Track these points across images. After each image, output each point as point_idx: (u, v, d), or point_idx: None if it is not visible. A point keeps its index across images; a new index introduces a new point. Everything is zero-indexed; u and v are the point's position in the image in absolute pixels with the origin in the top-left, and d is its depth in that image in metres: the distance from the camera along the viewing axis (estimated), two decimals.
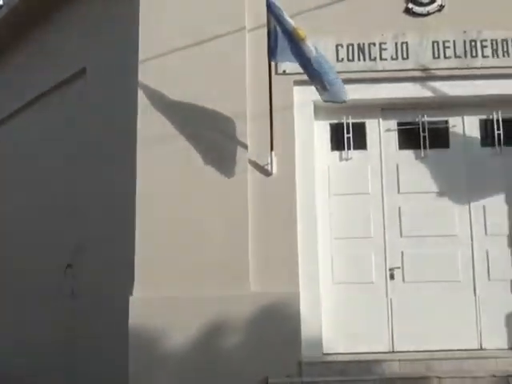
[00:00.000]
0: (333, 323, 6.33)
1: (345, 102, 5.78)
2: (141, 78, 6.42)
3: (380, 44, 6.56)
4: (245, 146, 6.28)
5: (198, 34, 6.40)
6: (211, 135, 6.29)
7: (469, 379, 5.62)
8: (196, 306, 5.95)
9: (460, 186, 6.65)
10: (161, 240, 6.14)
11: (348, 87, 6.13)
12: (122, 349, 5.97)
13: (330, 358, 6.10)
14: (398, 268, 6.49)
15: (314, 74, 5.62)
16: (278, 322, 5.95)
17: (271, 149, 6.22)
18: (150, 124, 6.32)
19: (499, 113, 6.73)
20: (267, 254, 6.16)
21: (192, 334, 5.90)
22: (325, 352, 6.21)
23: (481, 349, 6.36)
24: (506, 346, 6.37)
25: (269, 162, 6.27)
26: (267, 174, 6.30)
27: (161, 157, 6.26)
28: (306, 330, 6.02)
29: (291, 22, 5.64)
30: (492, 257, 6.53)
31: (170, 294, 5.99)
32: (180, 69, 6.38)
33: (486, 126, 6.80)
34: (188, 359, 5.87)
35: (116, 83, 7.02)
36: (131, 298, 6.00)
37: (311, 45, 5.62)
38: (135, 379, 5.83)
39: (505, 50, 6.57)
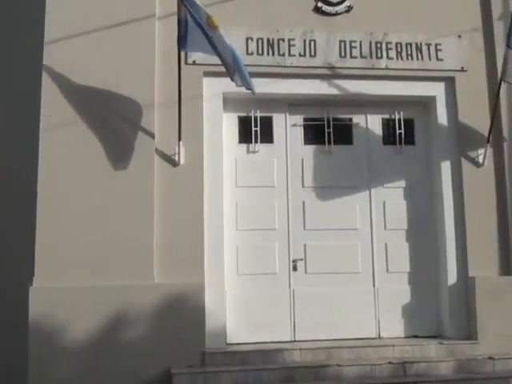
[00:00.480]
0: (237, 313, 6.39)
1: (252, 93, 5.81)
2: (46, 61, 6.16)
3: (289, 40, 6.66)
4: (152, 136, 6.19)
5: (107, 19, 6.24)
6: (118, 123, 6.15)
7: (367, 366, 5.80)
8: (98, 296, 5.81)
9: (362, 182, 6.88)
10: (63, 229, 5.94)
11: (257, 81, 6.20)
12: (22, 341, 5.77)
13: (233, 348, 6.14)
14: (301, 260, 6.63)
15: (226, 62, 5.60)
16: (182, 313, 5.91)
17: (179, 139, 6.17)
18: (54, 108, 6.09)
19: (401, 113, 7.02)
20: (173, 244, 6.11)
21: (94, 324, 5.76)
22: (228, 342, 6.25)
23: (379, 337, 6.62)
24: (403, 335, 6.68)
25: (176, 152, 6.23)
26: (174, 164, 6.26)
27: (64, 143, 6.05)
28: (210, 320, 6.04)
29: (204, 8, 5.60)
30: (391, 250, 6.81)
31: (71, 283, 5.81)
32: (87, 53, 6.20)
33: (389, 125, 7.07)
34: (89, 350, 5.72)
35: (21, 66, 6.77)
36: (31, 288, 5.78)
37: (224, 33, 5.59)
38: (35, 371, 5.61)
39: (409, 53, 6.84)
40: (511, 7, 6.43)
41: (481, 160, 6.72)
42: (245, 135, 6.79)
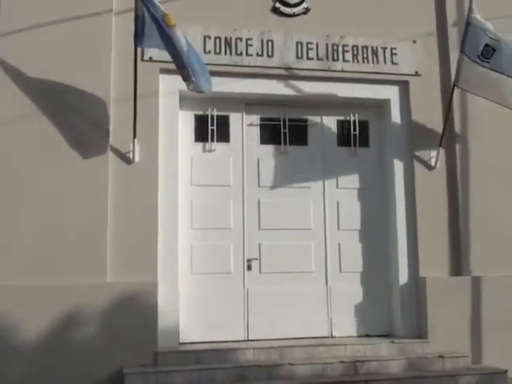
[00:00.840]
0: (190, 313, 6.36)
1: (208, 92, 5.80)
2: None
3: (246, 40, 6.67)
4: (107, 132, 6.11)
5: (64, 13, 6.15)
6: (72, 119, 6.05)
7: (319, 365, 5.83)
8: (51, 295, 5.70)
9: (317, 182, 6.94)
10: (18, 227, 5.82)
11: (214, 80, 6.20)
12: None
13: (185, 348, 6.10)
14: (256, 259, 6.64)
15: (181, 62, 5.57)
16: (135, 312, 5.85)
17: (134, 136, 6.10)
18: (5, 102, 5.95)
19: (356, 115, 7.11)
20: (126, 242, 6.04)
21: (46, 323, 5.65)
22: (181, 341, 6.21)
23: (331, 337, 6.68)
24: (355, 334, 6.75)
25: (131, 149, 6.16)
26: (129, 161, 6.19)
27: (15, 139, 5.91)
28: (163, 319, 5.99)
29: (161, 7, 5.56)
30: (344, 250, 6.88)
31: (23, 282, 5.68)
32: (42, 46, 6.08)
33: (344, 127, 7.14)
34: (41, 350, 5.61)
35: None
36: None
37: (180, 32, 5.57)
38: None
39: (365, 56, 6.93)
40: (465, 14, 6.53)
41: (433, 163, 6.85)
42: (201, 134, 6.76)
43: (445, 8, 7.19)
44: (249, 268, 6.61)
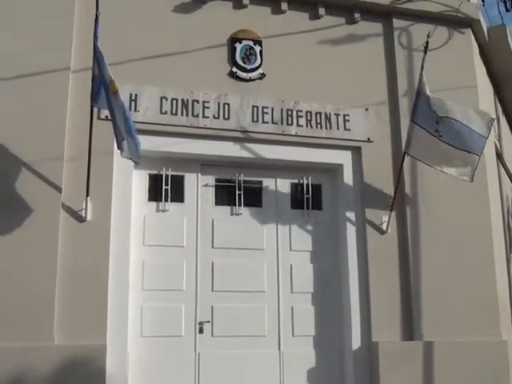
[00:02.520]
0: (140, 377, 6.15)
1: (136, 163, 5.78)
2: None
3: (203, 102, 6.74)
4: (59, 190, 6.01)
5: (20, 68, 6.13)
6: (23, 174, 5.94)
7: None
8: None
9: (270, 245, 6.93)
10: None
11: (170, 140, 6.34)
12: None
13: None
14: (208, 322, 6.50)
15: (118, 128, 5.55)
16: (83, 376, 5.62)
17: (87, 194, 6.02)
18: None
19: (309, 178, 7.20)
20: (75, 303, 5.85)
21: None
22: None
23: None
24: None
25: (83, 207, 6.06)
26: (81, 220, 6.07)
27: None
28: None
29: (109, 72, 5.53)
30: (297, 313, 6.81)
31: None
32: None
33: (297, 190, 7.21)
34: None
35: None
36: None
37: (122, 100, 5.54)
38: None
39: (318, 121, 7.07)
40: (416, 84, 6.78)
41: (385, 227, 6.94)
42: (155, 193, 6.70)
43: (396, 78, 7.45)
44: (200, 331, 6.46)
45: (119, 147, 5.66)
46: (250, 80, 7.01)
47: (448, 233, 7.03)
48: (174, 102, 6.64)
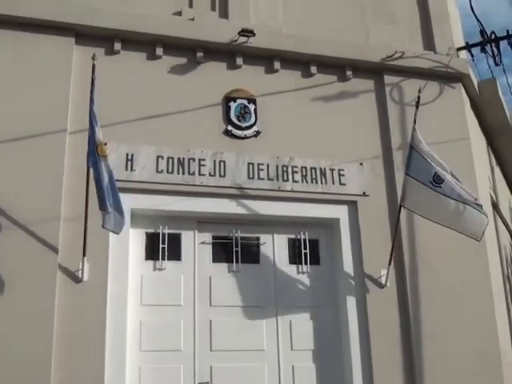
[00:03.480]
0: None
1: (116, 232, 5.79)
2: None
3: (199, 160, 6.80)
4: (55, 250, 5.99)
5: (18, 128, 6.21)
6: (20, 236, 5.94)
7: None
8: None
9: (269, 301, 6.86)
10: None
11: (166, 199, 6.36)
12: None
13: None
14: (207, 383, 6.37)
15: (103, 194, 5.59)
16: None
17: (84, 254, 5.99)
18: None
19: (306, 233, 7.19)
20: (72, 364, 5.74)
21: None
22: None
23: None
24: None
25: (80, 268, 6.03)
26: (77, 280, 6.03)
27: None
28: None
29: (100, 136, 5.63)
30: (297, 372, 6.69)
31: None
32: None
33: (294, 245, 7.19)
34: None
35: None
36: None
37: (110, 165, 5.63)
38: None
39: (313, 177, 7.13)
40: (408, 139, 6.86)
41: (383, 281, 6.90)
42: (152, 252, 6.68)
43: (389, 132, 7.56)
44: None
45: (103, 217, 5.65)
46: (245, 137, 7.10)
47: (447, 285, 6.99)
48: (170, 160, 6.70)
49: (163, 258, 6.65)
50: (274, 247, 7.10)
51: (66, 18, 6.67)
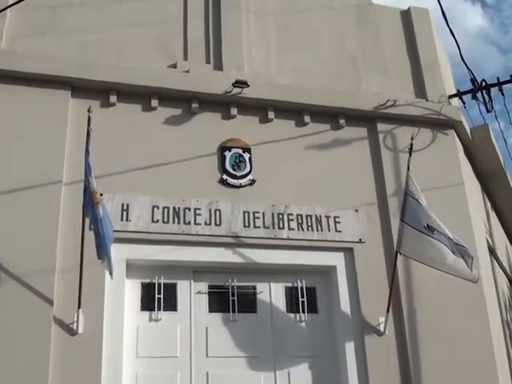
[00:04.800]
0: None
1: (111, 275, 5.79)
2: None
3: (195, 209, 6.81)
4: (50, 302, 5.94)
5: (12, 181, 6.26)
6: (14, 287, 5.89)
7: None
8: None
9: (266, 351, 6.76)
10: None
11: (161, 248, 6.35)
12: None
13: None
14: None
15: (99, 239, 5.63)
16: None
17: (78, 306, 5.94)
18: None
19: (303, 281, 7.15)
20: None
21: None
22: None
23: None
24: None
25: (75, 320, 5.96)
26: (72, 332, 5.95)
27: None
28: None
29: (94, 184, 5.67)
30: None
31: None
32: None
33: (292, 293, 7.14)
34: None
35: None
36: None
37: (102, 211, 5.65)
38: None
39: (309, 224, 7.13)
40: (403, 185, 6.90)
41: (382, 328, 6.83)
42: (147, 302, 6.61)
43: (384, 179, 7.61)
44: None
45: (99, 257, 5.67)
46: (241, 186, 7.14)
47: (446, 333, 6.92)
48: (166, 210, 6.72)
49: (159, 309, 6.58)
50: (271, 296, 7.05)
51: (62, 72, 6.80)
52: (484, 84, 8.66)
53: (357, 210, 7.35)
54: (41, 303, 5.93)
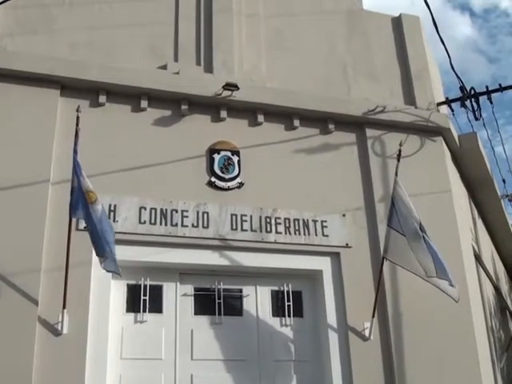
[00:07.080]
0: None
1: (115, 273, 5.75)
2: None
3: (182, 211, 6.80)
4: (35, 302, 5.90)
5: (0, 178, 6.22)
6: None
7: None
8: None
9: (252, 355, 6.76)
10: None
11: (148, 250, 6.33)
12: None
13: None
14: None
15: (97, 239, 5.60)
16: None
17: (63, 307, 5.90)
18: None
19: (289, 285, 7.15)
20: None
21: None
22: None
23: None
24: None
25: (60, 320, 5.93)
26: (57, 333, 5.91)
27: None
28: None
29: (88, 183, 5.67)
30: None
31: None
32: None
33: (278, 297, 7.14)
34: None
35: None
36: None
37: (100, 210, 5.64)
38: None
39: (296, 228, 7.14)
40: (390, 191, 6.92)
41: (367, 333, 6.84)
42: (133, 304, 6.58)
43: (371, 185, 7.63)
44: None
45: (100, 256, 5.65)
46: (229, 189, 7.13)
47: (431, 338, 6.95)
48: (153, 211, 6.69)
49: (144, 311, 6.56)
50: (257, 299, 7.04)
51: (51, 71, 6.76)
52: (473, 92, 8.71)
53: (344, 215, 7.36)
54: (25, 303, 5.88)
